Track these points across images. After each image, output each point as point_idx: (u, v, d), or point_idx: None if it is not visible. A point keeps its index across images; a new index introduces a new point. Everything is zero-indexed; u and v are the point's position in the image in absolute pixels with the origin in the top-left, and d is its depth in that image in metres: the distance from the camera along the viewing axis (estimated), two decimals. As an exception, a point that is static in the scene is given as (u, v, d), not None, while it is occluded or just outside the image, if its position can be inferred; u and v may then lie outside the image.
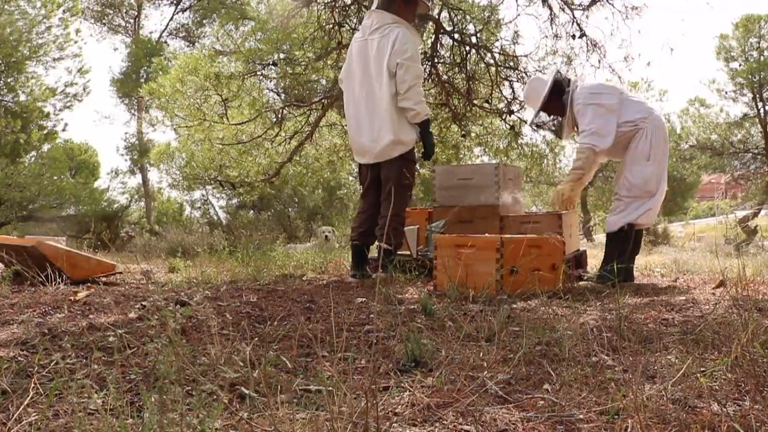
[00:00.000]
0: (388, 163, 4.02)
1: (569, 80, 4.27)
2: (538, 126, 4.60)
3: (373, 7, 4.14)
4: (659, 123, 4.17)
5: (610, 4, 6.04)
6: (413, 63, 3.93)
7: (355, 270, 4.12)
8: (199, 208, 18.28)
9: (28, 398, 1.42)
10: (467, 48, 6.89)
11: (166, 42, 20.90)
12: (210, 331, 2.06)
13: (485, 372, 1.74)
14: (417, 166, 4.29)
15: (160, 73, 12.03)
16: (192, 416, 1.21)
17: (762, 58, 14.27)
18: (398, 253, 4.23)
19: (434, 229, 4.16)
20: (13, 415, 1.34)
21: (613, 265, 3.59)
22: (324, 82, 8.28)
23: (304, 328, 2.29)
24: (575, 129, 4.24)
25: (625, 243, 4.13)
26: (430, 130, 4.23)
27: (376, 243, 4.25)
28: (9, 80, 12.38)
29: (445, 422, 1.39)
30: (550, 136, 7.59)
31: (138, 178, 20.11)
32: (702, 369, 1.74)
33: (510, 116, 7.31)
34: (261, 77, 8.17)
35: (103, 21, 21.01)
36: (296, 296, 3.16)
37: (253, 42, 7.95)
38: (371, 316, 2.62)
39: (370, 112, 4.01)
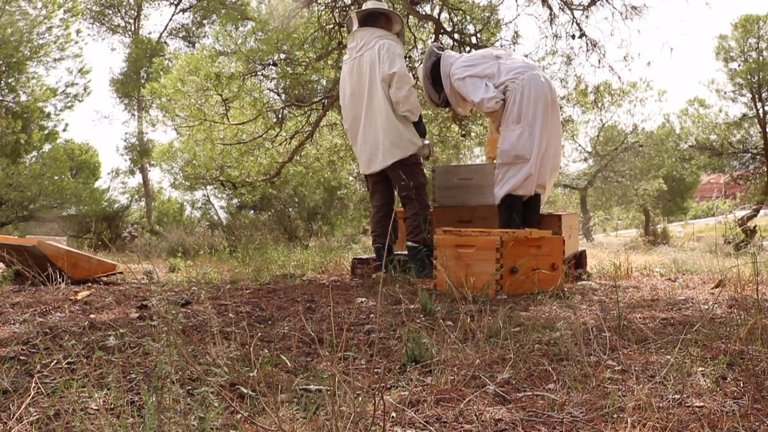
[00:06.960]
0: (391, 170, 4.10)
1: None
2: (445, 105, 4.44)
3: (355, 27, 4.17)
4: (535, 82, 3.89)
5: (609, 4, 6.03)
6: (402, 71, 3.99)
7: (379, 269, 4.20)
8: (200, 208, 18.31)
9: (30, 397, 1.43)
10: (467, 48, 6.89)
11: (165, 42, 20.91)
12: (210, 331, 2.06)
13: (485, 371, 1.75)
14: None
15: (161, 73, 12.04)
16: (192, 416, 1.21)
17: (761, 58, 14.28)
18: (396, 253, 4.26)
19: None
20: (14, 414, 1.34)
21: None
22: (324, 82, 8.28)
23: (304, 328, 2.29)
24: (471, 102, 4.13)
25: (508, 215, 3.92)
26: (424, 124, 4.35)
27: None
28: (10, 81, 12.39)
29: (445, 422, 1.39)
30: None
31: (138, 178, 20.14)
32: (701, 368, 1.74)
33: None
34: (261, 77, 8.17)
35: (103, 21, 21.01)
36: (296, 296, 3.17)
37: (254, 42, 7.95)
38: (371, 316, 2.62)
39: (369, 124, 4.11)
